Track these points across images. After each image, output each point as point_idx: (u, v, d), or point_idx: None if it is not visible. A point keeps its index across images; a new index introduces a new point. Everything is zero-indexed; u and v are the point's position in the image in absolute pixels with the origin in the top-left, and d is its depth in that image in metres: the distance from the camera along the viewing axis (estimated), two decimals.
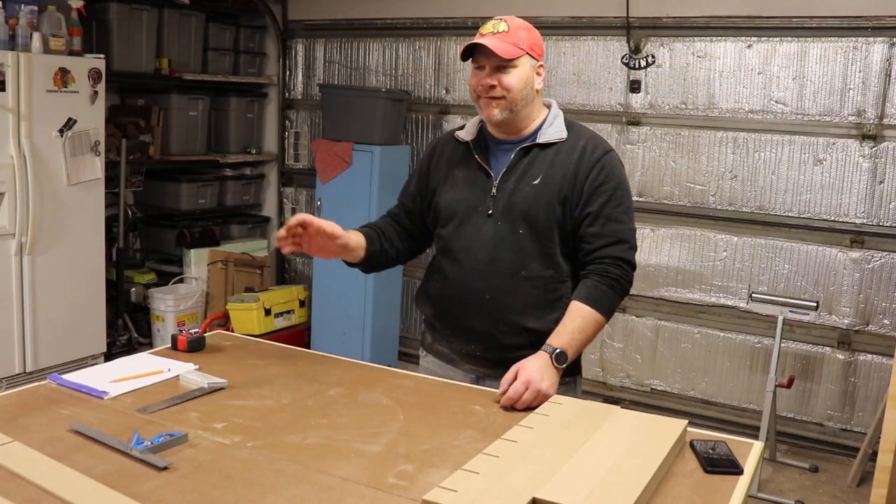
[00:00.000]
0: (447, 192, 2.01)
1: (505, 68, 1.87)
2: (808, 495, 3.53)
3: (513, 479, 1.29)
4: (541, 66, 1.93)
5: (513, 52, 1.86)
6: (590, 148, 1.92)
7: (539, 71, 1.93)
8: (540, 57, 1.93)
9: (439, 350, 2.07)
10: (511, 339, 1.92)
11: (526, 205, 1.89)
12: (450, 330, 2.02)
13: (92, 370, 1.90)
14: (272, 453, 1.45)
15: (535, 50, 1.91)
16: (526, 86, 1.89)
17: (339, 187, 4.62)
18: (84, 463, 1.37)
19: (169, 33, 4.83)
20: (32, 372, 3.85)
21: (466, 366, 2.01)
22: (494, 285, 1.91)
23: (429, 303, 2.07)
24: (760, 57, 3.94)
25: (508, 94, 1.87)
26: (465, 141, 2.01)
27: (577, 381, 2.03)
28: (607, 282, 1.86)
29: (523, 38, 1.89)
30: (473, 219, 1.95)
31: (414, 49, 4.92)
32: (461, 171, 2.00)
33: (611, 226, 1.88)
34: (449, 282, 1.99)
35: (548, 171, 1.91)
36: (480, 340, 1.96)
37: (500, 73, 1.87)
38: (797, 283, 3.97)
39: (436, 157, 2.08)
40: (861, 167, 3.78)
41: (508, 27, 1.89)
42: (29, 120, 3.70)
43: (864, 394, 3.88)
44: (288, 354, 2.11)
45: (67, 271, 4.00)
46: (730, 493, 1.37)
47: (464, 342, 1.99)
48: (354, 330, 4.69)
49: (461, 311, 1.97)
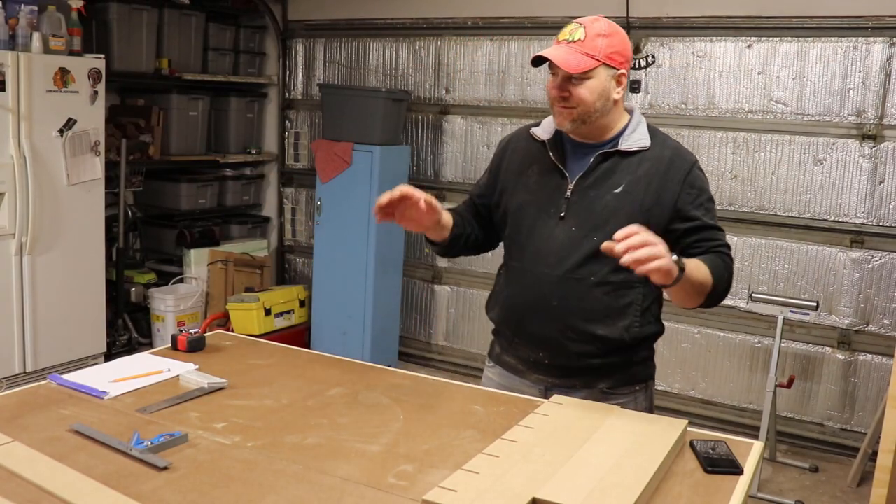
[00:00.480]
0: (519, 194, 1.93)
1: (577, 79, 1.77)
2: (808, 495, 3.53)
3: (513, 479, 1.29)
4: (622, 75, 1.81)
5: (582, 64, 1.75)
6: (677, 160, 1.84)
7: (620, 80, 1.82)
8: (622, 65, 1.81)
9: (507, 361, 1.99)
10: (579, 347, 1.85)
11: (606, 213, 1.80)
12: (517, 337, 1.95)
13: (92, 370, 1.90)
14: (272, 453, 1.45)
15: (614, 59, 1.78)
16: (600, 97, 1.79)
17: (339, 187, 4.62)
18: (84, 463, 1.37)
19: (169, 33, 4.83)
20: (32, 372, 3.85)
21: (534, 376, 1.93)
22: (563, 291, 1.83)
23: (496, 308, 2.00)
24: (760, 57, 3.94)
25: (580, 106, 1.78)
26: (540, 139, 1.92)
27: (650, 386, 1.99)
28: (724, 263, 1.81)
29: (600, 48, 1.77)
30: (545, 222, 1.87)
31: (414, 49, 4.92)
32: (534, 171, 1.92)
33: (711, 233, 1.84)
34: (517, 286, 1.92)
35: (631, 180, 1.82)
36: (548, 348, 1.88)
37: (573, 84, 1.77)
38: (797, 283, 3.97)
39: (508, 153, 2.00)
40: (861, 167, 3.78)
41: (585, 35, 1.78)
42: (29, 120, 3.70)
43: (864, 394, 3.88)
44: (288, 354, 2.11)
45: (67, 271, 4.00)
46: (730, 493, 1.37)
47: (531, 350, 1.92)
48: (354, 330, 4.69)
49: (528, 317, 1.90)
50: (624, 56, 1.81)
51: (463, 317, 4.97)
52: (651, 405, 1.97)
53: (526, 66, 4.54)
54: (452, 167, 4.88)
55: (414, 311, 5.12)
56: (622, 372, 1.89)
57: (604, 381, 1.87)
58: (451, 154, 4.89)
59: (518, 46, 4.56)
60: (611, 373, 1.87)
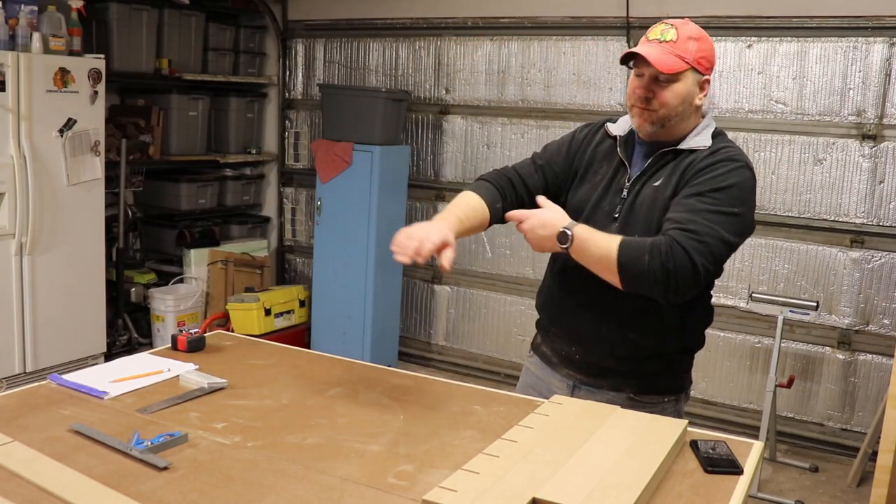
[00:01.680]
0: (583, 187, 1.89)
1: (665, 81, 1.74)
2: (808, 495, 3.53)
3: (513, 479, 1.29)
4: (706, 81, 1.78)
5: (675, 66, 1.72)
6: (721, 154, 1.76)
7: (703, 86, 1.78)
8: (708, 71, 1.77)
9: (543, 351, 2.00)
10: (611, 348, 1.83)
11: (644, 207, 1.78)
12: (553, 327, 1.96)
13: (92, 370, 1.90)
14: (272, 453, 1.45)
15: (702, 64, 1.76)
16: (684, 102, 1.75)
17: (339, 187, 4.62)
18: (84, 463, 1.37)
19: (169, 33, 4.83)
20: (32, 372, 3.85)
21: (564, 370, 1.93)
22: (604, 291, 1.74)
23: (540, 297, 2.01)
24: (760, 57, 3.94)
25: (662, 109, 1.75)
26: (613, 135, 1.90)
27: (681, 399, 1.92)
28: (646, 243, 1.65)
29: (691, 51, 1.74)
30: (599, 218, 1.82)
31: (414, 49, 4.92)
32: (602, 166, 1.89)
33: (687, 214, 1.67)
34: (561, 279, 1.91)
35: (670, 173, 1.77)
36: (581, 343, 1.88)
37: (658, 86, 1.74)
38: (797, 282, 3.97)
39: (587, 140, 1.95)
40: (861, 167, 3.78)
41: (678, 36, 1.75)
42: (29, 120, 3.70)
43: (864, 394, 3.88)
44: (288, 354, 2.11)
45: (67, 271, 4.00)
46: (730, 493, 1.37)
47: (565, 343, 1.92)
48: (354, 330, 4.69)
49: (566, 310, 1.90)
50: (710, 62, 1.79)
51: (463, 317, 4.97)
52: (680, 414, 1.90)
53: (526, 65, 4.54)
54: (452, 167, 4.88)
55: (414, 311, 5.12)
56: (651, 380, 1.86)
57: (631, 386, 1.84)
58: (451, 154, 4.89)
59: (518, 46, 4.56)
60: (639, 379, 1.85)
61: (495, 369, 4.82)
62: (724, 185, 1.69)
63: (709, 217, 1.65)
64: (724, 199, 1.68)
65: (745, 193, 1.73)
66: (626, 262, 1.63)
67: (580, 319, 1.86)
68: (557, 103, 4.45)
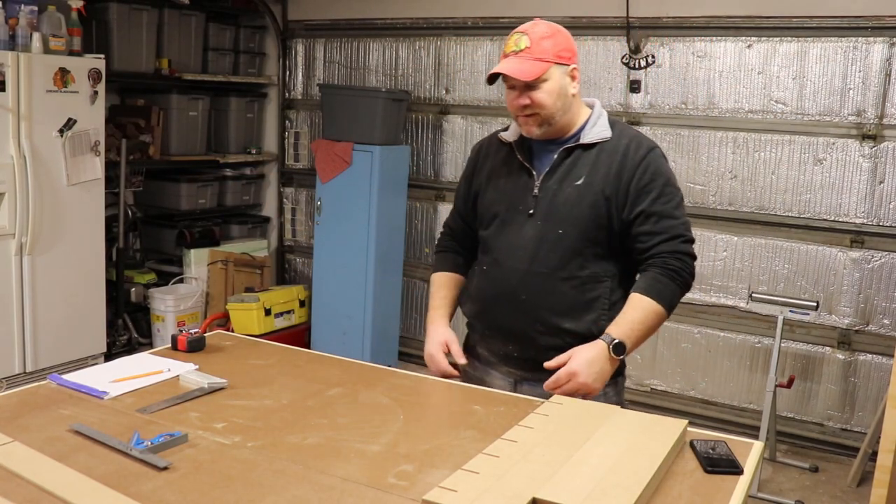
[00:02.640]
0: (489, 194, 2.00)
1: (532, 86, 1.83)
2: (808, 495, 3.53)
3: (513, 479, 1.29)
4: (574, 69, 1.88)
5: (535, 70, 1.82)
6: (633, 146, 1.89)
7: (573, 74, 1.88)
8: (571, 60, 1.87)
9: (479, 353, 2.06)
10: (547, 340, 1.89)
11: (569, 205, 1.87)
12: (488, 330, 2.01)
13: (92, 370, 1.90)
14: (272, 453, 1.45)
15: (563, 56, 1.85)
16: (559, 97, 1.85)
17: (339, 187, 4.62)
18: (84, 463, 1.37)
19: (169, 33, 4.83)
20: (32, 372, 3.85)
21: (504, 368, 1.99)
22: (532, 285, 1.89)
23: (469, 302, 2.07)
24: (760, 57, 3.94)
25: (542, 110, 1.85)
26: (508, 142, 1.99)
27: (620, 381, 1.99)
28: (668, 273, 1.85)
29: (548, 49, 1.83)
30: (515, 219, 1.93)
31: (414, 49, 4.92)
32: (504, 172, 1.98)
33: (664, 222, 1.85)
34: (488, 282, 1.98)
35: (591, 170, 1.88)
36: (517, 341, 1.94)
37: (531, 91, 1.84)
38: (797, 283, 3.97)
39: (480, 159, 2.07)
40: (861, 167, 3.78)
41: (531, 41, 1.83)
42: (29, 120, 3.70)
43: (864, 394, 3.88)
44: (288, 354, 2.11)
45: (67, 271, 4.00)
46: (730, 493, 1.37)
47: (501, 343, 1.98)
48: (354, 330, 4.69)
49: (499, 311, 1.96)
50: (571, 51, 1.88)
51: (463, 317, 4.96)
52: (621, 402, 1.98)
53: None
54: (452, 167, 4.88)
55: (414, 311, 5.12)
56: None
57: None
58: (451, 154, 4.89)
59: None
60: None
61: None
62: (667, 176, 1.90)
63: (675, 213, 1.87)
64: (674, 191, 1.90)
65: (672, 175, 1.94)
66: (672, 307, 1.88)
67: (514, 320, 1.93)
68: None
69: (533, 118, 1.87)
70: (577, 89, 1.89)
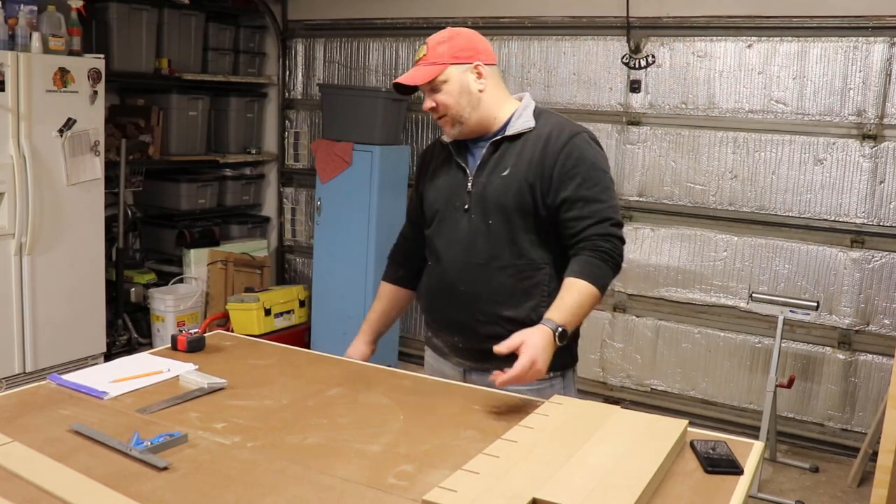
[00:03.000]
0: (430, 194, 2.08)
1: (435, 89, 1.92)
2: (809, 495, 3.52)
3: (513, 479, 1.29)
4: (477, 66, 1.93)
5: (428, 74, 1.90)
6: (555, 133, 1.93)
7: (479, 71, 1.93)
8: (471, 59, 1.93)
9: (434, 344, 2.13)
10: (488, 329, 1.93)
11: (496, 195, 1.93)
12: (436, 323, 2.09)
13: (92, 370, 1.90)
14: (272, 453, 1.45)
15: (460, 56, 1.92)
16: (462, 94, 1.92)
17: (339, 187, 4.62)
18: (84, 463, 1.37)
19: (169, 33, 4.82)
20: (32, 372, 3.85)
21: (455, 359, 2.06)
22: (469, 277, 1.95)
23: (421, 298, 2.16)
24: (760, 57, 3.94)
25: (448, 110, 1.93)
26: (446, 143, 2.06)
27: (570, 374, 2.03)
28: (599, 255, 1.86)
29: (443, 53, 1.91)
30: (452, 215, 2.00)
31: (414, 49, 4.92)
32: (443, 172, 2.06)
33: (590, 207, 1.88)
34: (432, 277, 2.07)
35: (516, 160, 1.93)
36: (461, 332, 2.01)
37: (434, 94, 1.93)
38: (797, 283, 3.97)
39: (426, 163, 2.15)
40: (861, 167, 3.78)
41: (427, 48, 1.93)
42: (29, 120, 3.70)
43: (865, 394, 3.88)
44: (288, 354, 2.11)
45: (67, 271, 4.00)
46: (730, 493, 1.37)
47: (448, 335, 2.05)
48: (354, 330, 4.62)
49: (443, 304, 2.04)
50: (471, 50, 1.93)
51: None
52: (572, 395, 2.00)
53: (526, 65, 4.54)
54: None
55: (414, 310, 5.11)
56: None
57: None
58: None
59: (518, 46, 4.56)
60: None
61: None
62: (591, 161, 1.91)
63: (603, 197, 1.89)
64: (601, 175, 1.91)
65: (602, 159, 1.95)
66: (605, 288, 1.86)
67: (456, 312, 2.00)
68: (558, 103, 4.45)
69: (443, 119, 1.95)
70: (484, 85, 1.94)
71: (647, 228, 4.28)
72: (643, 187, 4.28)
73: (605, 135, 4.33)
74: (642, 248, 4.30)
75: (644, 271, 4.31)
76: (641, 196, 4.28)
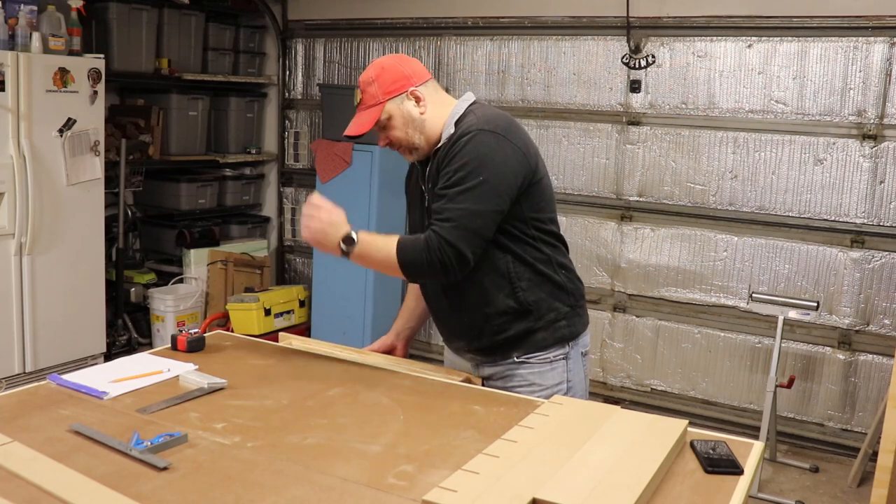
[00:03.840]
0: (410, 215, 2.16)
1: (383, 127, 1.96)
2: (809, 495, 3.52)
3: (513, 479, 1.29)
4: (412, 93, 1.93)
5: (369, 121, 1.92)
6: (460, 134, 1.89)
7: (415, 95, 1.93)
8: (403, 88, 1.92)
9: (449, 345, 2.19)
10: (481, 328, 1.98)
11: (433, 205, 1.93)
12: (441, 333, 2.16)
13: (92, 370, 1.90)
14: (272, 453, 1.45)
15: (392, 91, 1.92)
16: (408, 124, 1.94)
17: (339, 187, 4.62)
18: (84, 463, 1.37)
19: (169, 33, 4.82)
20: (32, 372, 3.85)
21: (467, 355, 2.11)
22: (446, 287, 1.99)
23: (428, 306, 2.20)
24: (761, 57, 3.94)
25: (400, 142, 1.97)
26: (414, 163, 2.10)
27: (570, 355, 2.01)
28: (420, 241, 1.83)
29: (375, 93, 1.92)
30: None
31: (414, 49, 4.92)
32: (413, 191, 2.12)
33: (442, 204, 1.85)
34: (425, 293, 2.14)
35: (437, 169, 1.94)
36: (460, 336, 2.07)
37: (385, 132, 1.97)
38: (797, 283, 3.97)
39: (408, 178, 2.19)
40: (861, 167, 3.78)
41: (362, 92, 1.95)
42: (28, 120, 3.70)
43: (865, 394, 3.88)
44: (288, 354, 2.11)
45: (67, 271, 4.00)
46: (730, 493, 1.37)
47: (452, 339, 2.12)
48: (354, 330, 4.68)
49: (437, 318, 2.12)
50: (400, 79, 1.93)
51: None
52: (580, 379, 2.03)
53: (526, 65, 4.54)
54: None
55: None
56: (528, 339, 1.97)
57: (515, 350, 1.98)
58: None
59: (518, 46, 4.56)
60: (518, 342, 1.97)
61: None
62: (462, 163, 1.83)
63: (458, 199, 1.82)
64: (465, 175, 1.82)
65: (482, 159, 1.83)
66: (407, 262, 1.84)
67: (448, 317, 2.06)
68: (558, 103, 4.45)
69: (400, 150, 2.00)
70: (424, 107, 1.94)
71: (647, 228, 4.28)
72: (643, 187, 4.28)
73: (605, 135, 4.33)
74: (642, 248, 4.31)
75: (644, 271, 4.31)
76: (641, 196, 4.28)
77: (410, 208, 2.16)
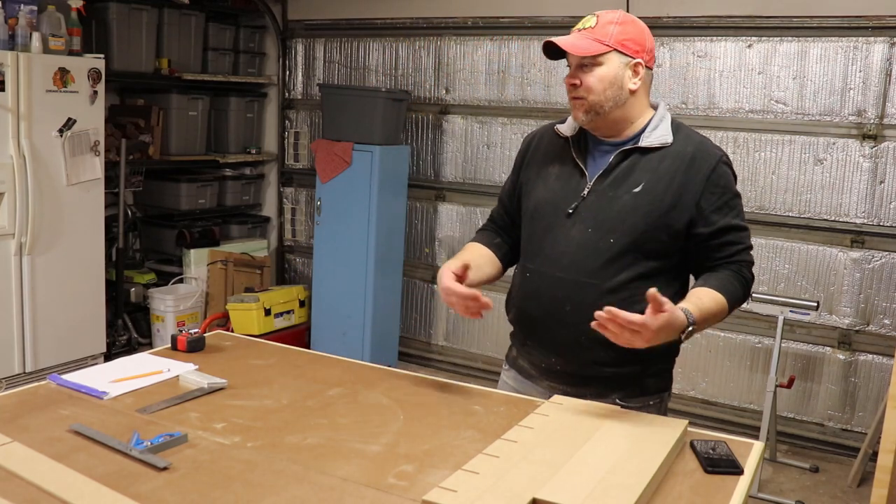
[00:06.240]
0: (538, 191, 1.87)
1: (588, 66, 1.74)
2: (809, 495, 3.52)
3: (513, 479, 1.29)
4: (638, 64, 1.75)
5: (590, 48, 1.72)
6: (700, 156, 1.76)
7: (636, 69, 1.75)
8: (637, 54, 1.74)
9: (521, 365, 1.95)
10: (592, 354, 1.76)
11: (624, 213, 1.74)
12: (530, 341, 1.89)
13: (92, 370, 1.90)
14: (272, 453, 1.45)
15: (627, 46, 1.73)
16: (612, 85, 1.73)
17: (339, 187, 4.62)
18: (84, 463, 1.36)
19: (169, 33, 4.83)
20: (32, 372, 3.85)
21: (545, 382, 1.88)
22: (577, 296, 1.75)
23: (512, 310, 1.95)
24: (761, 57, 3.94)
25: (589, 95, 1.74)
26: (564, 136, 1.87)
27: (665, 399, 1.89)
28: (741, 280, 1.77)
29: (611, 34, 1.73)
30: (561, 222, 1.80)
31: (414, 49, 4.92)
32: (555, 168, 1.86)
33: (737, 234, 1.78)
34: (531, 288, 1.86)
35: (651, 178, 1.75)
36: (560, 353, 1.82)
37: (582, 72, 1.74)
38: (797, 283, 3.97)
39: (531, 150, 1.95)
40: (861, 167, 3.78)
41: (597, 22, 1.76)
42: (28, 120, 3.70)
43: (865, 394, 3.88)
44: (288, 354, 2.11)
45: (67, 271, 4.00)
46: (730, 493, 1.37)
47: (543, 355, 1.86)
48: (354, 330, 4.68)
49: (542, 322, 1.83)
50: (639, 45, 1.75)
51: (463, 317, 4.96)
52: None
53: (526, 65, 4.54)
54: (452, 167, 4.88)
55: (414, 311, 5.12)
56: (635, 383, 1.81)
57: (616, 391, 1.79)
58: (450, 154, 4.89)
59: (518, 46, 4.56)
60: (623, 383, 1.80)
61: (495, 369, 4.78)
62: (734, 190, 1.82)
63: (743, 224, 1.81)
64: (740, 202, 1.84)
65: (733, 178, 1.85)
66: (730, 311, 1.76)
67: (557, 332, 1.80)
68: (558, 103, 4.45)
69: (580, 101, 1.75)
70: (638, 86, 1.76)
71: None
72: None
73: None
74: None
75: None
76: None
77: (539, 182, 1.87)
